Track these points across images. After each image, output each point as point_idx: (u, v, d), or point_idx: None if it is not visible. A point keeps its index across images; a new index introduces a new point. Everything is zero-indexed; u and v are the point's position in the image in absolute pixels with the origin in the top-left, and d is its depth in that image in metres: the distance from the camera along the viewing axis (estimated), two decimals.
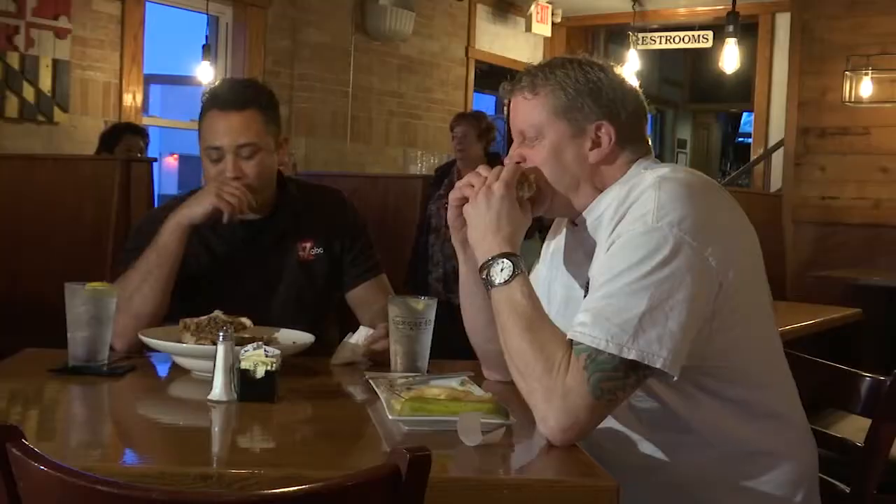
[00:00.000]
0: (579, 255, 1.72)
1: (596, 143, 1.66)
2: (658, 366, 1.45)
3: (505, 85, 1.74)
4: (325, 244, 2.32)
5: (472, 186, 1.66)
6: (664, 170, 1.62)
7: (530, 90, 1.68)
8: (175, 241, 2.11)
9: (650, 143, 1.73)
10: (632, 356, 1.44)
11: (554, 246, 1.86)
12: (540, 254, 1.91)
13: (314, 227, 2.32)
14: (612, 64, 1.72)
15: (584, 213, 1.70)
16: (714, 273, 1.51)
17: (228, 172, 2.15)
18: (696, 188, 1.58)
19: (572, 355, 1.47)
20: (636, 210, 1.53)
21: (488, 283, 1.58)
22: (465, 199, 1.67)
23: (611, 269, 1.50)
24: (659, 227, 1.49)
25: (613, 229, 1.55)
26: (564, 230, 1.81)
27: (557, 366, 1.47)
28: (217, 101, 2.20)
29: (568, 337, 1.49)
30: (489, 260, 1.58)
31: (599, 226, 1.65)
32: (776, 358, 1.67)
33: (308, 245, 2.30)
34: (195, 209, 2.12)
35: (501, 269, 1.56)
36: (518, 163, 1.70)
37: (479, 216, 1.63)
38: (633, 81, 1.72)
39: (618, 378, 1.45)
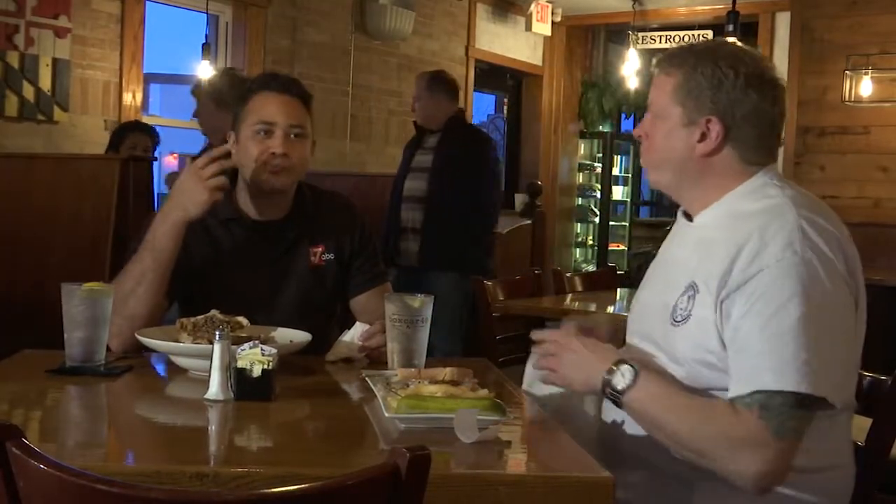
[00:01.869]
0: (685, 251, 1.71)
1: (704, 136, 1.66)
2: (832, 401, 1.48)
3: (657, 56, 1.78)
4: (335, 250, 2.32)
5: (552, 355, 1.71)
6: (791, 190, 1.63)
7: (665, 69, 1.70)
8: (171, 241, 2.09)
9: (776, 156, 1.72)
10: (820, 393, 1.46)
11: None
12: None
13: (326, 232, 2.32)
14: (761, 65, 1.67)
15: (699, 212, 1.70)
16: (854, 301, 1.57)
17: (277, 148, 2.16)
18: (827, 214, 1.61)
19: (739, 407, 1.48)
20: (779, 238, 1.53)
21: (617, 396, 1.58)
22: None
23: (767, 304, 1.49)
24: (809, 260, 1.51)
25: (744, 250, 1.54)
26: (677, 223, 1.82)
27: (728, 423, 1.48)
28: (271, 83, 2.25)
29: (745, 390, 1.48)
30: (605, 378, 1.60)
31: (710, 227, 1.66)
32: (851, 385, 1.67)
33: (319, 250, 2.30)
34: (190, 209, 2.09)
35: (622, 375, 1.58)
36: (640, 136, 1.74)
37: (576, 370, 1.67)
38: (780, 92, 1.69)
39: (798, 417, 1.47)
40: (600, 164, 9.67)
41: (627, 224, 9.96)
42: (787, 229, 1.53)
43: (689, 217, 1.75)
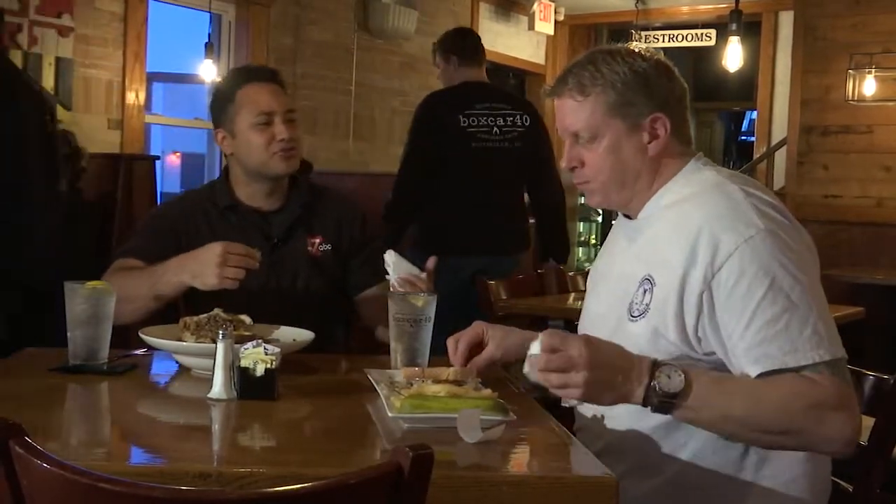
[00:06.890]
0: (632, 249, 1.71)
1: (653, 136, 1.65)
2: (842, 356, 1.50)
3: (546, 87, 1.72)
4: (333, 242, 2.34)
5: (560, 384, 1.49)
6: (725, 170, 1.67)
7: (579, 91, 1.65)
8: (172, 291, 2.10)
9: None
10: (840, 355, 1.49)
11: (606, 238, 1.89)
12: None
13: (325, 223, 2.36)
14: (651, 51, 1.70)
15: (640, 209, 1.70)
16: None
17: (282, 134, 2.25)
18: (761, 188, 1.65)
19: (810, 374, 1.46)
20: (737, 219, 1.53)
21: (671, 400, 1.45)
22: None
23: (753, 284, 1.49)
24: (773, 230, 1.52)
25: (702, 237, 1.53)
26: (617, 224, 1.82)
27: (814, 392, 1.45)
28: (254, 75, 2.35)
29: (788, 364, 1.46)
30: (648, 387, 1.45)
31: (654, 219, 1.66)
32: None
33: (317, 241, 2.33)
34: (197, 282, 2.02)
35: (669, 377, 1.45)
36: (574, 168, 1.70)
37: (603, 389, 1.47)
38: (673, 67, 1.71)
39: (847, 371, 1.50)
40: None
41: None
42: (741, 208, 1.55)
43: (627, 216, 1.75)
